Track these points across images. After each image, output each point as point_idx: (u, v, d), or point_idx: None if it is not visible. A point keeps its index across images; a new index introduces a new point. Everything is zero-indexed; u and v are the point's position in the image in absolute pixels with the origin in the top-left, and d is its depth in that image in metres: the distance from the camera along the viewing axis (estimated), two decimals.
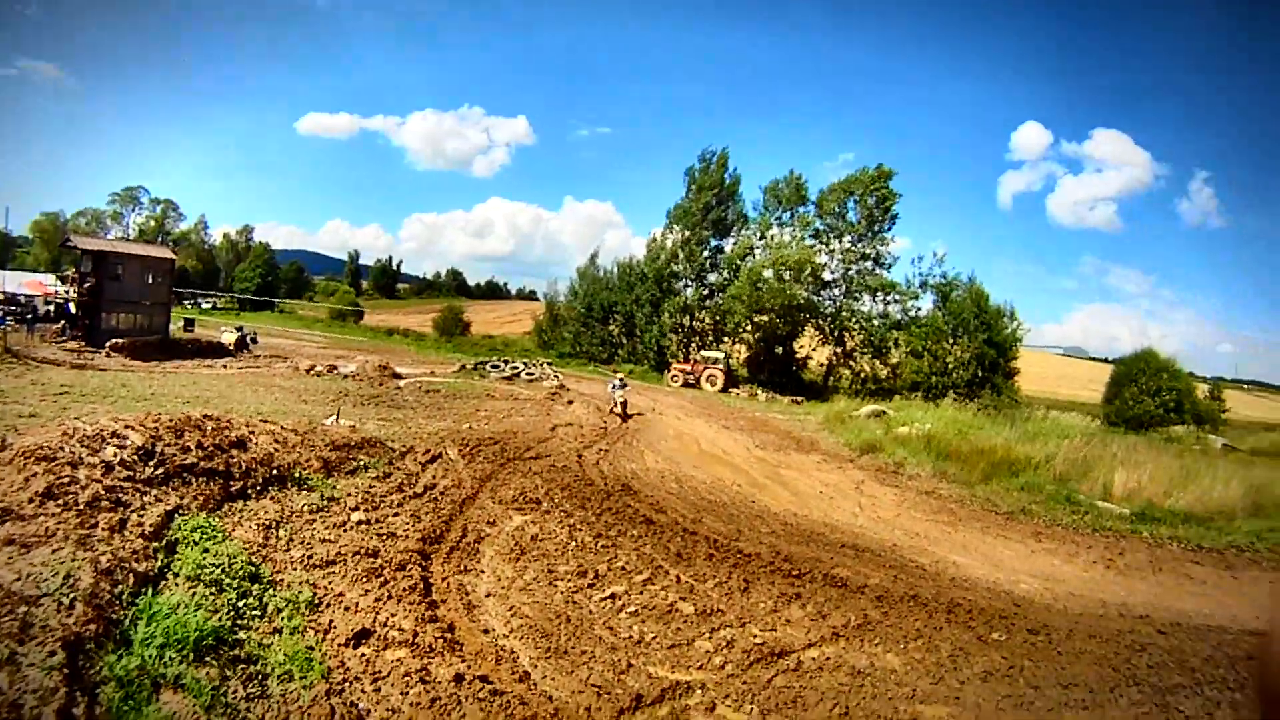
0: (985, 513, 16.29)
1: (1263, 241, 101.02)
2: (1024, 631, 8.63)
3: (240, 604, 5.90)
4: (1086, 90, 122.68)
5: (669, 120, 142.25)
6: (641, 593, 7.93)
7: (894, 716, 5.94)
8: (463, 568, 8.12)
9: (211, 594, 5.82)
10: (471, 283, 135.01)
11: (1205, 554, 14.90)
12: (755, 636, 7.13)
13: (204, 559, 6.36)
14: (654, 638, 6.83)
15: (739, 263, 49.86)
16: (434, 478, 11.79)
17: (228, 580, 6.12)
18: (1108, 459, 21.08)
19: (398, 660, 5.60)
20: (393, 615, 6.28)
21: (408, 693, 5.22)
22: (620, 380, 24.67)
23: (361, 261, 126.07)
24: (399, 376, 28.07)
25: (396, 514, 9.47)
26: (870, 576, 9.77)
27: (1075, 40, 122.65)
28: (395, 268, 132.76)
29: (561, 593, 7.77)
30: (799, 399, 42.78)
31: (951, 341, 44.43)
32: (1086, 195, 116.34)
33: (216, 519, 7.58)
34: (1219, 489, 18.80)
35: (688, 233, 51.95)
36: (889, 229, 49.19)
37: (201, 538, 6.83)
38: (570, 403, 25.82)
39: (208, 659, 4.90)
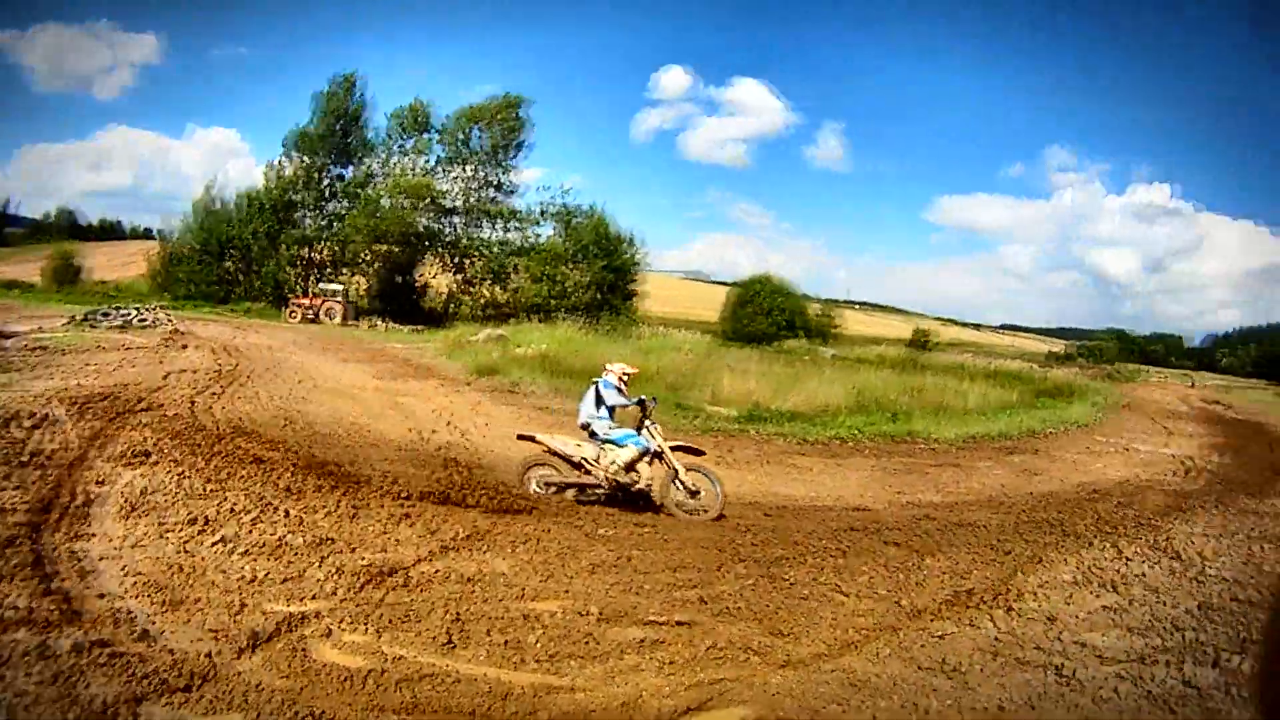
0: None
1: (880, 184, 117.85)
2: (631, 525, 9.80)
3: None
4: (733, 41, 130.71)
5: (311, 42, 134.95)
6: (251, 532, 8.11)
7: (505, 615, 6.54)
8: (74, 534, 7.91)
9: None
10: (85, 222, 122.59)
11: (810, 446, 17.48)
12: (365, 559, 7.56)
13: None
14: (266, 574, 7.07)
15: (359, 191, 49.63)
16: (40, 443, 11.23)
17: None
18: (719, 369, 23.77)
19: (15, 641, 5.50)
20: (6, 596, 6.17)
21: (31, 673, 5.17)
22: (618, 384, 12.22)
23: None
24: (6, 336, 25.45)
25: (1, 488, 9.02)
26: (481, 488, 10.49)
27: None
28: (2, 209, 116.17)
29: (173, 544, 7.77)
30: (420, 328, 43.24)
31: (572, 266, 46.71)
32: (720, 136, 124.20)
33: None
34: (824, 390, 21.96)
35: (308, 159, 50.73)
36: (516, 157, 50.81)
37: None
38: (185, 347, 24.96)
39: None
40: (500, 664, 5.78)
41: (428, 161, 51.40)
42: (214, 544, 7.76)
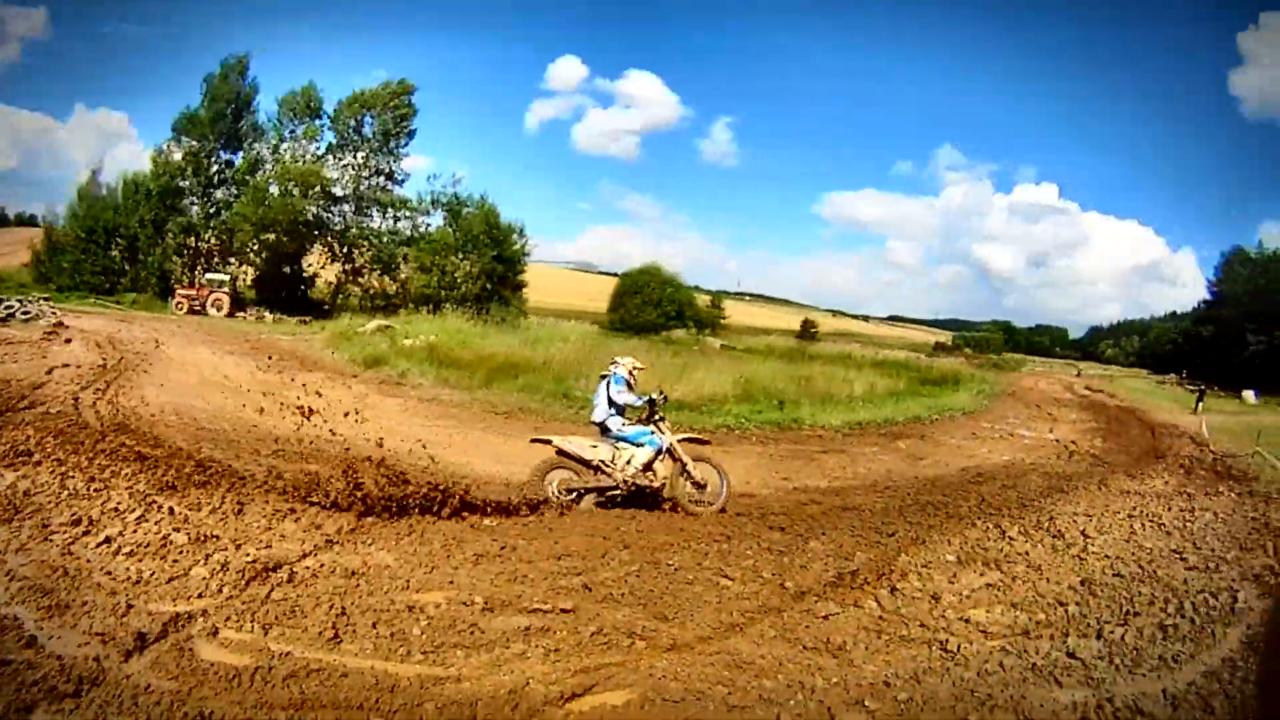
0: (486, 414, 18.09)
1: (770, 178, 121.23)
2: (517, 516, 9.96)
3: None
4: (627, 33, 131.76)
5: (207, 22, 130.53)
6: (135, 531, 7.97)
7: (390, 607, 6.59)
8: None
9: None
10: None
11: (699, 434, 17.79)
12: (250, 556, 7.50)
13: None
14: (151, 574, 6.98)
15: (247, 178, 48.44)
16: None
17: None
18: (606, 360, 24.06)
19: None
20: None
21: None
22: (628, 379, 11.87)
23: None
24: None
25: None
26: (367, 484, 10.29)
27: None
28: None
29: (58, 546, 7.63)
30: (307, 319, 42.88)
31: (460, 256, 46.49)
32: (612, 128, 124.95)
33: None
34: (711, 380, 22.48)
35: (197, 144, 49.05)
36: (406, 145, 50.42)
37: None
38: (69, 341, 24.34)
39: None
40: (386, 656, 5.81)
41: (318, 148, 50.56)
42: (98, 545, 7.64)
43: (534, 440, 12.10)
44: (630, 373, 11.84)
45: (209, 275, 45.64)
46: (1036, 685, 6.43)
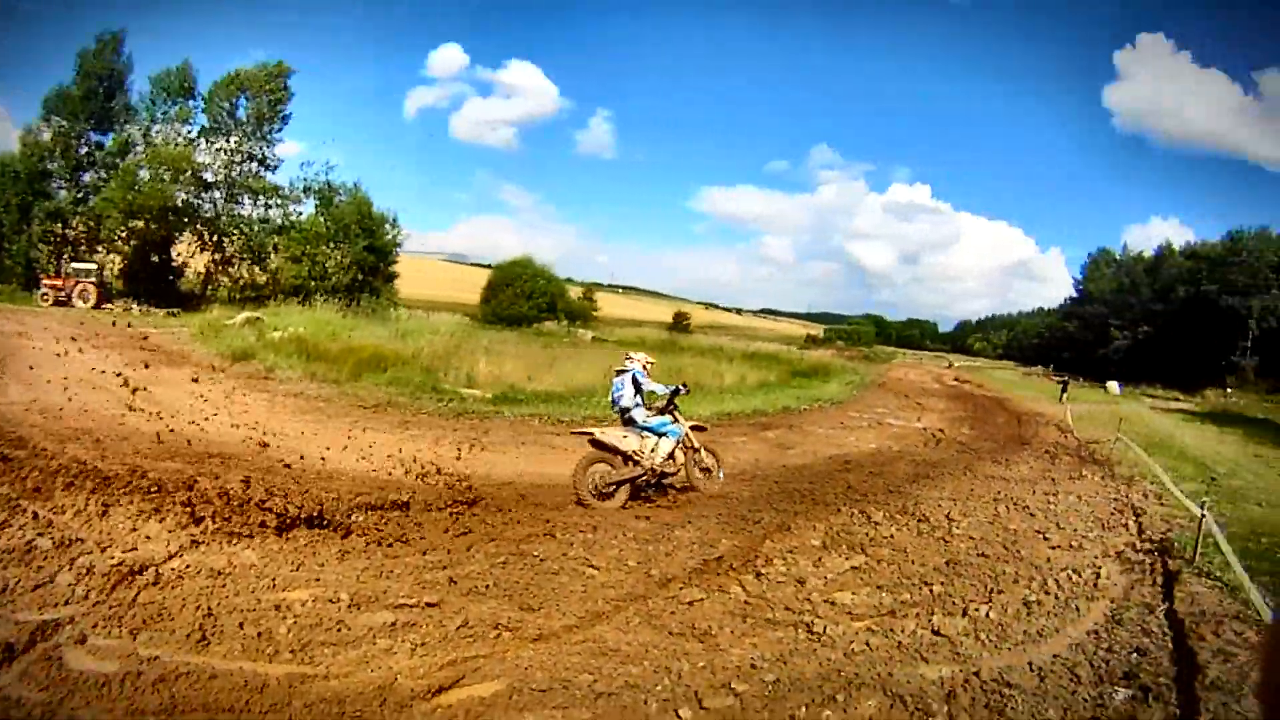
0: (354, 408, 18.07)
1: (646, 172, 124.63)
2: (382, 511, 9.99)
3: None
4: (510, 22, 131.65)
5: None
6: None
7: (257, 607, 6.60)
8: None
9: None
10: None
11: (565, 425, 18.10)
12: (115, 559, 7.40)
13: None
14: (17, 582, 6.83)
15: (117, 161, 46.93)
16: None
17: None
18: (476, 352, 24.39)
19: None
20: None
21: None
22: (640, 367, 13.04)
23: None
24: None
25: None
26: (233, 482, 10.41)
27: None
28: None
29: None
30: (176, 311, 41.74)
31: (332, 246, 46.11)
32: (491, 117, 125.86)
33: None
34: (581, 372, 22.92)
35: (66, 124, 47.40)
36: (280, 130, 49.69)
37: None
38: None
39: None
40: (254, 657, 5.85)
41: (190, 131, 49.30)
42: None
43: (574, 433, 13.38)
44: (644, 366, 12.78)
45: (75, 265, 43.82)
46: (903, 663, 6.71)
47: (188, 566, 7.44)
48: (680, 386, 13.07)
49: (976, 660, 6.87)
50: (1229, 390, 67.07)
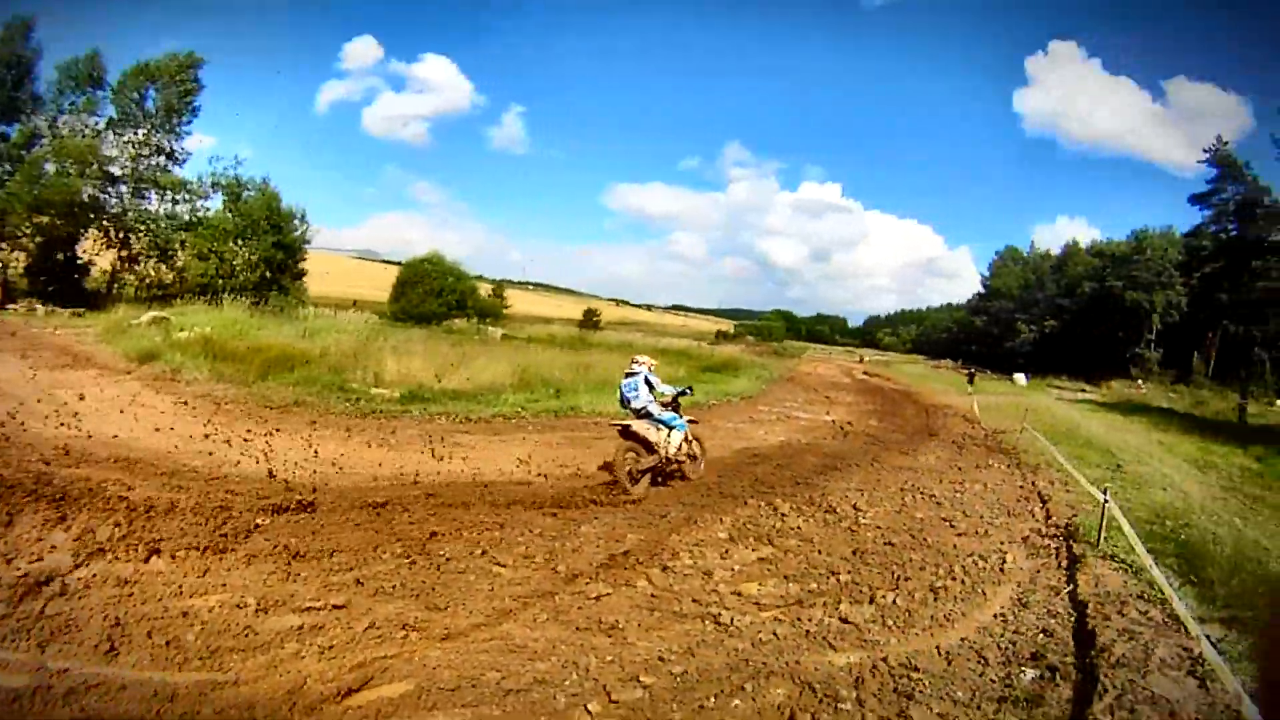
0: (261, 409, 17.86)
1: (558, 168, 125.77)
2: (289, 514, 9.95)
3: None
4: (425, 15, 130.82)
5: None
6: None
7: (165, 615, 6.59)
8: None
9: None
10: None
11: (474, 424, 18.58)
12: (20, 570, 7.30)
13: None
14: None
15: (22, 153, 45.41)
16: None
17: None
18: (386, 350, 24.45)
19: None
20: None
21: None
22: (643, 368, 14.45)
23: None
24: None
25: None
26: (139, 487, 10.38)
27: None
28: None
29: None
30: (81, 310, 40.41)
31: (240, 243, 45.45)
32: (404, 112, 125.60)
33: None
34: (490, 369, 23.12)
35: None
36: (190, 123, 48.75)
37: None
38: None
39: None
40: (163, 666, 5.87)
41: (97, 122, 47.90)
42: None
43: (611, 424, 14.42)
44: (650, 368, 14.36)
45: None
46: (811, 651, 6.95)
47: (95, 576, 7.36)
48: (687, 389, 15.05)
49: (884, 646, 7.10)
50: (1141, 381, 69.89)
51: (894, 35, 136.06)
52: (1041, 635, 7.44)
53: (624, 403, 14.05)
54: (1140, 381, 69.80)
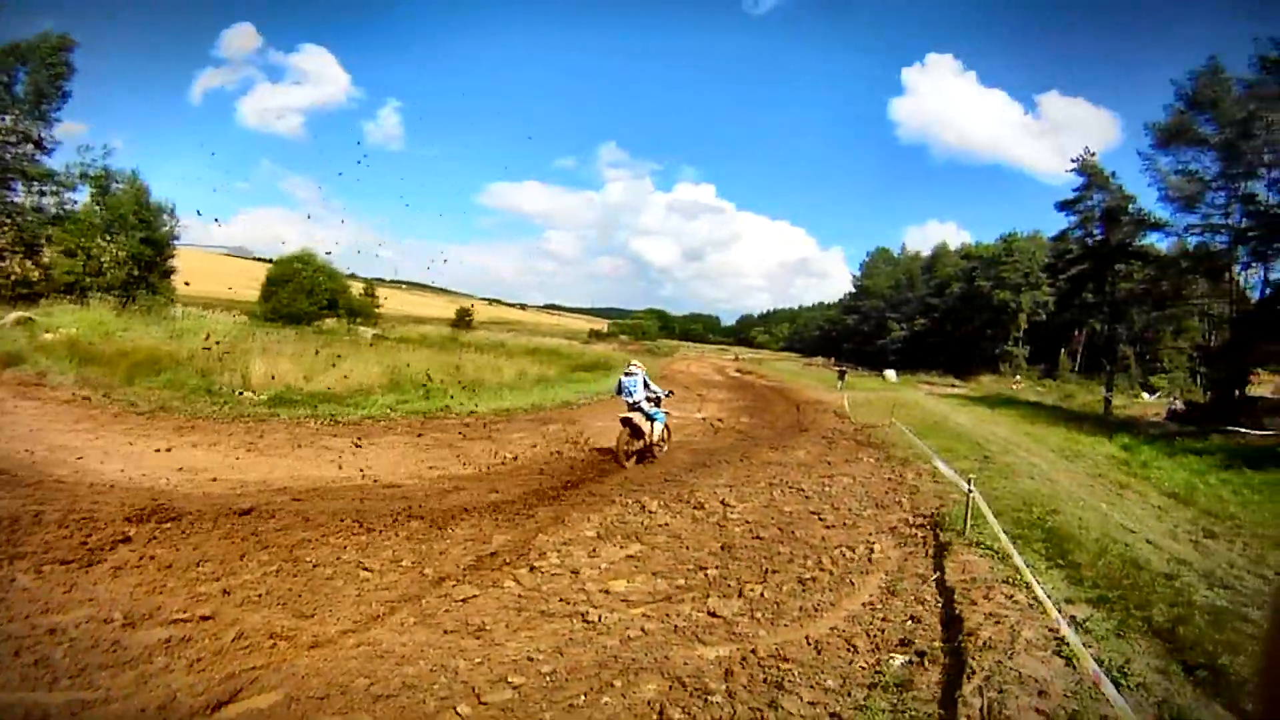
0: (127, 414, 17.71)
1: (434, 166, 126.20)
2: (155, 523, 9.82)
3: None
4: (305, 3, 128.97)
5: None
6: None
7: (31, 633, 6.56)
8: None
9: None
10: None
11: (343, 427, 18.75)
12: None
13: None
14: None
15: None
16: None
17: None
18: (253, 352, 24.36)
19: None
20: None
21: None
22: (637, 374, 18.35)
23: None
24: None
25: None
26: (3, 499, 10.26)
27: None
28: None
29: None
30: None
31: (108, 239, 44.39)
32: (279, 104, 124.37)
33: None
34: (360, 371, 23.25)
35: None
36: (59, 109, 47.25)
37: None
38: None
39: None
40: (33, 686, 5.87)
41: None
42: None
43: (621, 417, 17.43)
44: (645, 371, 18.13)
45: None
46: (680, 646, 7.25)
47: None
48: (669, 392, 19.39)
49: (753, 638, 7.43)
50: (1018, 376, 73.09)
51: (775, 41, 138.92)
52: (910, 622, 7.82)
53: (623, 392, 17.74)
54: (1018, 376, 72.65)
